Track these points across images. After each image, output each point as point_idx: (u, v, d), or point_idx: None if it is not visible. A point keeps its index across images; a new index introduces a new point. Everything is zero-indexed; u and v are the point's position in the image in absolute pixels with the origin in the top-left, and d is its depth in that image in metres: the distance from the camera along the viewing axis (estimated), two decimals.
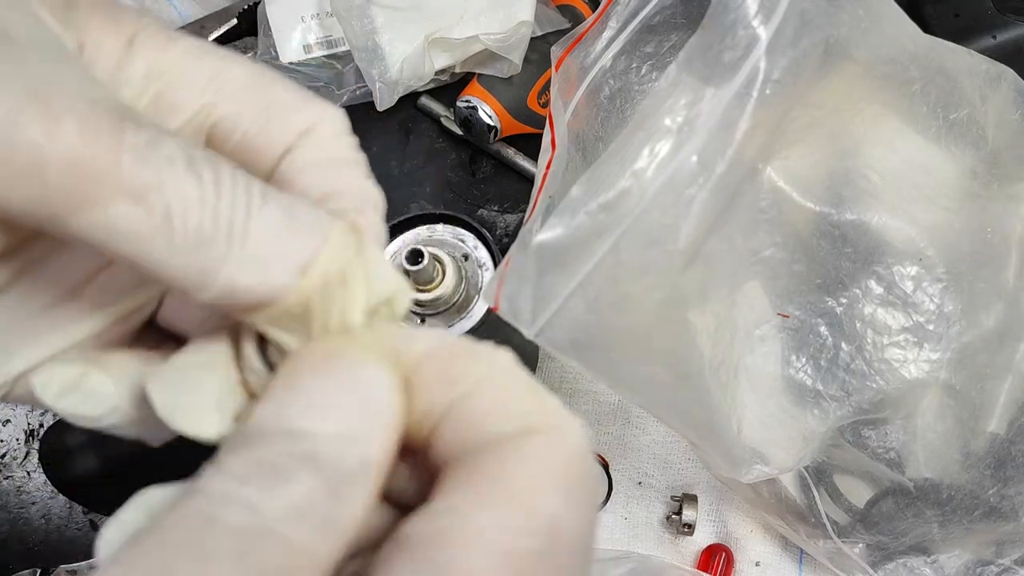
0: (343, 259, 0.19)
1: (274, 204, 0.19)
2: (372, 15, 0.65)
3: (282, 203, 0.19)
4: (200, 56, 0.22)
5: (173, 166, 0.18)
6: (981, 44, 0.64)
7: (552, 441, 0.18)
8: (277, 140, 0.22)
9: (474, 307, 0.51)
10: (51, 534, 0.64)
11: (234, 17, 0.70)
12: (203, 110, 0.22)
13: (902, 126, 0.49)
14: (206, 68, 0.22)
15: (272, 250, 0.19)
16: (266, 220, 0.19)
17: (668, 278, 0.38)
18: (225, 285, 0.18)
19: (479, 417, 0.19)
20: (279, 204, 0.19)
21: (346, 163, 0.23)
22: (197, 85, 0.22)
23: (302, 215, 0.19)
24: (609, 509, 0.63)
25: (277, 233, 0.19)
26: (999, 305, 0.52)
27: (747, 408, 0.50)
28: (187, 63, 0.22)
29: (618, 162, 0.36)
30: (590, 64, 0.51)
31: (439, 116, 0.72)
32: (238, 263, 0.18)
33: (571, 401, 0.66)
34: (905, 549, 0.55)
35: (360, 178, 0.23)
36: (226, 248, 0.18)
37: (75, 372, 0.21)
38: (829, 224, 0.51)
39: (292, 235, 0.19)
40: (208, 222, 0.18)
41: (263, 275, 0.19)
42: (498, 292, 0.37)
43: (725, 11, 0.37)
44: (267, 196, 0.19)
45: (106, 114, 0.18)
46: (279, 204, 0.19)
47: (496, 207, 0.71)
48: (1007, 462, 0.53)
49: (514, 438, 0.18)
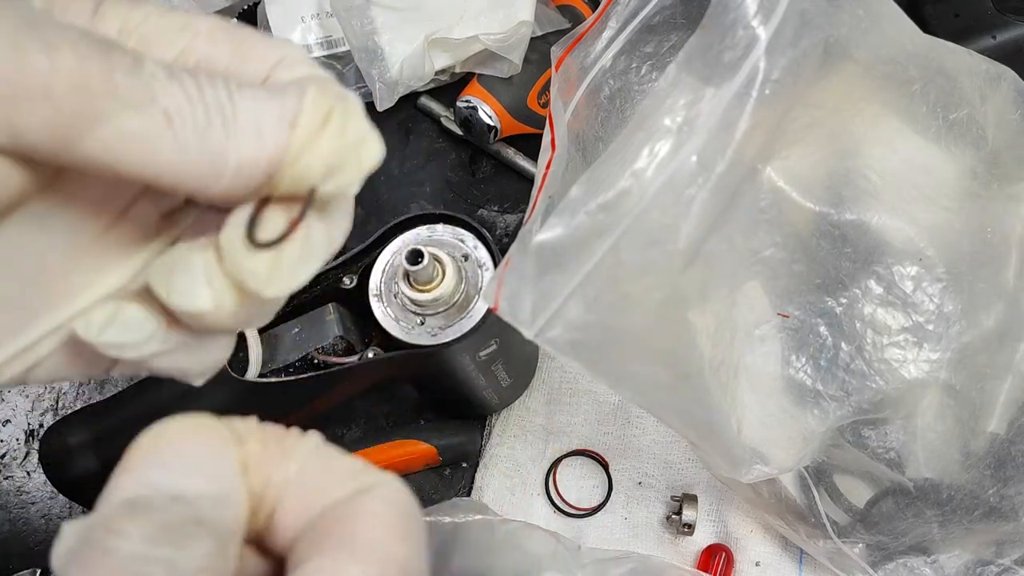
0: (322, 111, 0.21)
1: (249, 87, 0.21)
2: (372, 15, 0.65)
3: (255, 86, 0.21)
4: (166, 12, 0.23)
5: (157, 78, 0.20)
6: (981, 44, 0.64)
7: (383, 495, 0.21)
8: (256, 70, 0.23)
9: (474, 307, 0.51)
10: (51, 534, 0.64)
11: (234, 17, 0.70)
12: (183, 53, 0.23)
13: (902, 126, 0.49)
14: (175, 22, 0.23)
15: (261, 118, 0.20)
16: (248, 97, 0.21)
17: (668, 278, 0.38)
18: (235, 164, 0.20)
19: (317, 486, 0.21)
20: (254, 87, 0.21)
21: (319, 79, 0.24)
22: (169, 37, 0.23)
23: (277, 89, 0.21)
24: (609, 509, 0.63)
25: (260, 103, 0.21)
26: (999, 305, 0.52)
27: (747, 408, 0.50)
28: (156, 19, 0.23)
29: (618, 162, 0.36)
30: (590, 64, 0.51)
31: (439, 116, 0.72)
32: (237, 138, 0.20)
33: (571, 401, 0.66)
34: (905, 549, 0.55)
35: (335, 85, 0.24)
36: (223, 130, 0.20)
37: (109, 309, 0.23)
38: (829, 224, 0.51)
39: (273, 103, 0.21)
40: (201, 114, 0.20)
41: (260, 140, 0.20)
42: (498, 292, 0.37)
43: (725, 11, 0.37)
44: (242, 82, 0.21)
45: (93, 42, 0.19)
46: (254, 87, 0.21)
47: (496, 207, 0.71)
48: (1007, 462, 0.53)
49: (351, 500, 0.20)
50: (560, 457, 0.64)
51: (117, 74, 0.19)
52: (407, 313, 0.51)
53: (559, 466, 0.64)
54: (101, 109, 0.19)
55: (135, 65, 0.20)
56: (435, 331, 0.51)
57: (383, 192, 0.72)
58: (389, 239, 0.53)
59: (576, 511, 0.63)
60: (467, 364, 0.54)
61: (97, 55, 0.19)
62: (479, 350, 0.53)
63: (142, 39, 0.23)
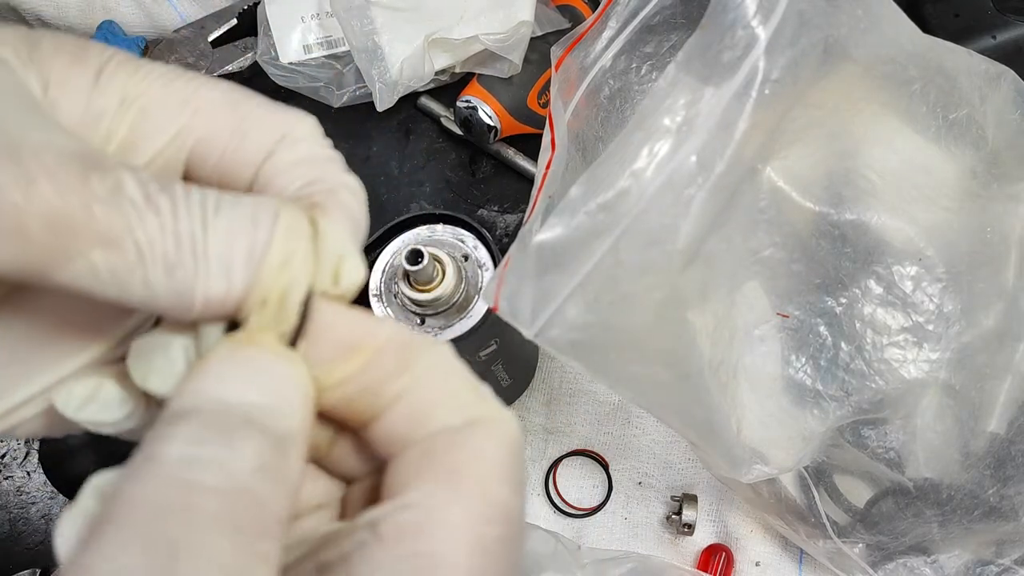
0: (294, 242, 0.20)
1: (227, 211, 0.20)
2: (372, 15, 0.65)
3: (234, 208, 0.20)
4: (171, 81, 0.23)
5: (135, 206, 0.19)
6: (981, 44, 0.64)
7: (495, 432, 0.21)
8: (256, 150, 0.23)
9: (474, 307, 0.51)
10: (51, 534, 0.64)
11: (234, 17, 0.70)
12: (181, 132, 0.23)
13: (901, 126, 0.49)
14: (178, 92, 0.23)
15: (231, 254, 0.20)
16: (221, 229, 0.20)
17: (667, 278, 0.38)
18: (201, 300, 0.20)
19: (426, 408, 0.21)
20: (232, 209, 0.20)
21: (321, 159, 0.24)
22: (172, 108, 0.22)
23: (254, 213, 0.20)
24: (609, 509, 0.63)
25: (232, 238, 0.20)
26: (999, 305, 0.52)
27: (747, 408, 0.50)
28: (159, 89, 0.22)
29: (617, 162, 0.36)
30: (590, 64, 0.51)
31: (439, 116, 0.72)
32: (206, 276, 0.19)
33: (571, 401, 0.66)
34: (905, 549, 0.55)
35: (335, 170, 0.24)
36: (193, 267, 0.19)
37: (91, 384, 0.22)
38: (828, 224, 0.51)
39: (246, 235, 0.20)
40: (172, 248, 0.19)
41: (228, 279, 0.20)
42: (498, 292, 0.37)
43: (724, 11, 0.37)
44: (219, 205, 0.20)
45: (73, 166, 0.19)
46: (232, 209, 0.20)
47: (496, 207, 0.71)
48: (1007, 462, 0.53)
49: (463, 431, 0.20)
50: (560, 457, 0.64)
51: (95, 206, 0.18)
52: (407, 313, 0.51)
53: (559, 466, 0.64)
54: (74, 246, 0.18)
55: (114, 192, 0.19)
56: (435, 331, 0.51)
57: (383, 192, 0.72)
58: (389, 239, 0.53)
59: (576, 511, 0.63)
60: (467, 364, 0.54)
61: (77, 183, 0.18)
62: (479, 350, 0.53)
63: (141, 113, 0.22)
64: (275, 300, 0.20)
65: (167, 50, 0.70)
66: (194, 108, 0.22)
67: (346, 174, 0.24)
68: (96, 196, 0.19)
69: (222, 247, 0.20)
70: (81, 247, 0.18)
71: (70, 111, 0.22)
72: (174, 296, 0.19)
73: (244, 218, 0.20)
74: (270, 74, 0.67)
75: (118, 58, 0.22)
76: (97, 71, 0.22)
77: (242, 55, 0.70)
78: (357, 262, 0.22)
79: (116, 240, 0.19)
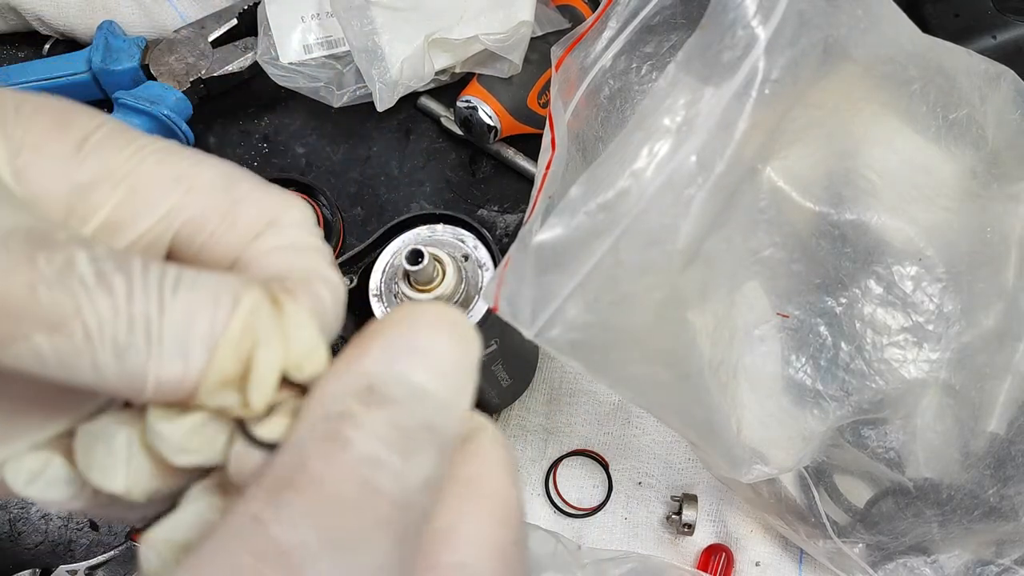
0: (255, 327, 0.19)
1: (185, 290, 0.19)
2: (372, 15, 0.65)
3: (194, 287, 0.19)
4: (165, 157, 0.22)
5: (85, 286, 0.18)
6: (981, 44, 0.64)
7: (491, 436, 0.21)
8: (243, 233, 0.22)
9: (474, 307, 0.51)
10: (51, 534, 0.64)
11: (234, 17, 0.70)
12: (171, 212, 0.22)
13: (901, 126, 0.49)
14: (172, 169, 0.22)
15: (187, 336, 0.19)
16: (178, 310, 0.19)
17: (667, 278, 0.38)
18: (154, 384, 0.19)
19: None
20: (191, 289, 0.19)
21: (306, 248, 0.23)
22: (164, 186, 0.22)
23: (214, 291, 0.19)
24: (609, 509, 0.63)
25: (190, 318, 0.19)
26: (999, 305, 0.52)
27: (747, 408, 0.50)
28: (152, 165, 0.21)
29: (617, 162, 0.36)
30: (590, 64, 0.51)
31: (439, 116, 0.72)
32: (159, 360, 0.19)
33: (571, 401, 0.66)
34: (905, 549, 0.55)
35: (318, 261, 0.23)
36: (146, 350, 0.18)
37: (40, 460, 0.21)
38: (828, 224, 0.51)
39: (204, 315, 0.19)
40: (123, 330, 0.18)
41: (184, 364, 0.19)
42: (498, 292, 0.37)
43: (724, 11, 0.37)
44: (179, 283, 0.19)
45: (19, 246, 0.18)
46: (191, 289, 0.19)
47: (496, 207, 0.71)
48: (1007, 462, 0.53)
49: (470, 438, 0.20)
50: (560, 457, 0.64)
51: (41, 288, 0.18)
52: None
53: (559, 466, 0.64)
54: (14, 331, 0.18)
55: (63, 272, 0.18)
56: None
57: (383, 192, 0.72)
58: (389, 239, 0.53)
59: (576, 511, 0.63)
60: None
61: (21, 263, 0.18)
62: None
63: (131, 191, 0.21)
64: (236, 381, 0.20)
65: (167, 50, 0.70)
66: (187, 187, 0.22)
67: (329, 267, 0.23)
68: (42, 276, 0.18)
69: (178, 328, 0.19)
70: (23, 331, 0.18)
71: (40, 180, 0.21)
72: (125, 379, 0.19)
73: (204, 298, 0.19)
74: (270, 74, 0.67)
75: (109, 127, 0.22)
76: (81, 140, 0.21)
77: (242, 55, 0.70)
78: (322, 352, 0.21)
79: (61, 323, 0.18)
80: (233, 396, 0.20)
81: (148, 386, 0.19)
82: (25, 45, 0.76)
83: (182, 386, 0.19)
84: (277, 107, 0.74)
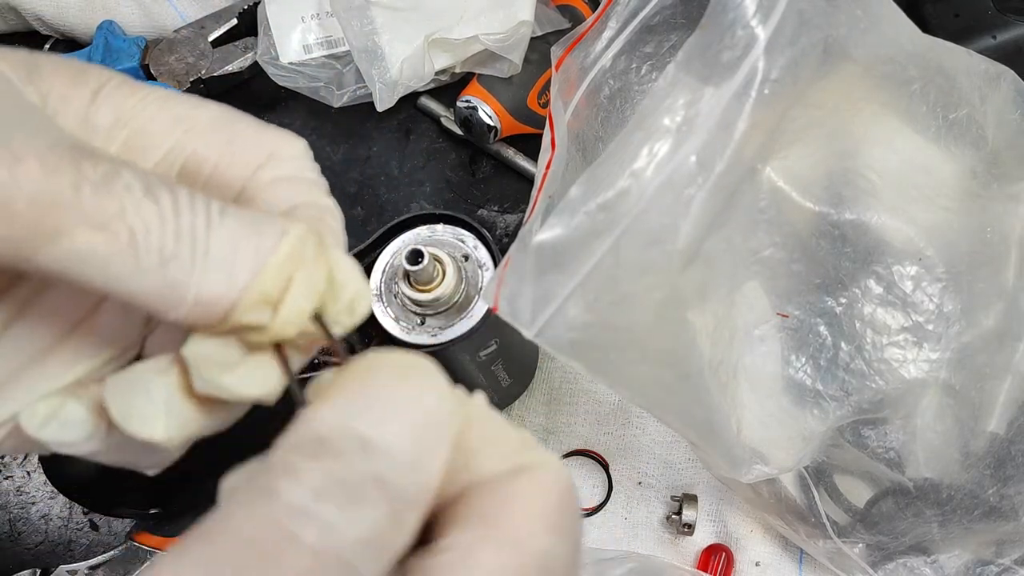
0: (300, 257, 0.20)
1: (232, 216, 0.20)
2: (372, 15, 0.65)
3: (240, 215, 0.20)
4: (166, 101, 0.23)
5: (131, 193, 0.19)
6: (981, 44, 0.64)
7: (540, 480, 0.19)
8: (244, 165, 0.23)
9: (474, 307, 0.51)
10: (51, 534, 0.64)
11: (234, 17, 0.70)
12: (174, 149, 0.23)
13: (901, 126, 0.49)
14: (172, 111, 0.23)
15: (234, 256, 0.19)
16: (226, 230, 0.19)
17: (667, 278, 0.38)
18: (195, 298, 0.19)
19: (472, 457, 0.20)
20: (237, 216, 0.20)
21: (306, 182, 0.24)
22: (165, 127, 0.23)
23: (260, 222, 0.20)
24: (609, 509, 0.63)
25: (236, 240, 0.20)
26: (999, 305, 0.52)
27: (747, 408, 0.50)
28: (153, 110, 0.23)
29: (617, 162, 0.36)
30: (590, 64, 0.51)
31: (439, 116, 0.72)
32: (203, 273, 0.19)
33: (571, 401, 0.66)
34: (905, 549, 0.55)
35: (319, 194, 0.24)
36: (191, 262, 0.19)
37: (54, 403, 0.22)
38: (828, 224, 0.51)
39: (251, 240, 0.20)
40: (171, 240, 0.19)
41: (228, 281, 0.19)
42: (498, 292, 0.37)
43: (724, 11, 0.37)
44: (225, 211, 0.20)
45: (66, 152, 0.19)
46: (237, 216, 0.20)
47: (496, 207, 0.71)
48: (1007, 462, 0.53)
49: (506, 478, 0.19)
50: (560, 457, 0.64)
51: (85, 188, 0.18)
52: (407, 313, 0.51)
53: None
54: (60, 225, 0.18)
55: (108, 177, 0.19)
56: (435, 331, 0.51)
57: (383, 192, 0.72)
58: (389, 239, 0.53)
59: None
60: (467, 364, 0.54)
61: (67, 166, 0.18)
62: (479, 350, 0.53)
63: (135, 132, 0.22)
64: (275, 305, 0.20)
65: (167, 50, 0.70)
66: (187, 127, 0.23)
67: (328, 198, 0.24)
68: (87, 179, 0.18)
69: (225, 246, 0.19)
70: (66, 226, 0.18)
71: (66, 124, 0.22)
72: (166, 289, 0.19)
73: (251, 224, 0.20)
74: (270, 74, 0.67)
75: (116, 80, 0.23)
76: (95, 91, 0.22)
77: (242, 55, 0.70)
78: (368, 293, 0.22)
79: (106, 223, 0.18)
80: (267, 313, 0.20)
81: (188, 299, 0.19)
82: (25, 45, 0.76)
83: (220, 304, 0.20)
84: (277, 107, 0.74)
